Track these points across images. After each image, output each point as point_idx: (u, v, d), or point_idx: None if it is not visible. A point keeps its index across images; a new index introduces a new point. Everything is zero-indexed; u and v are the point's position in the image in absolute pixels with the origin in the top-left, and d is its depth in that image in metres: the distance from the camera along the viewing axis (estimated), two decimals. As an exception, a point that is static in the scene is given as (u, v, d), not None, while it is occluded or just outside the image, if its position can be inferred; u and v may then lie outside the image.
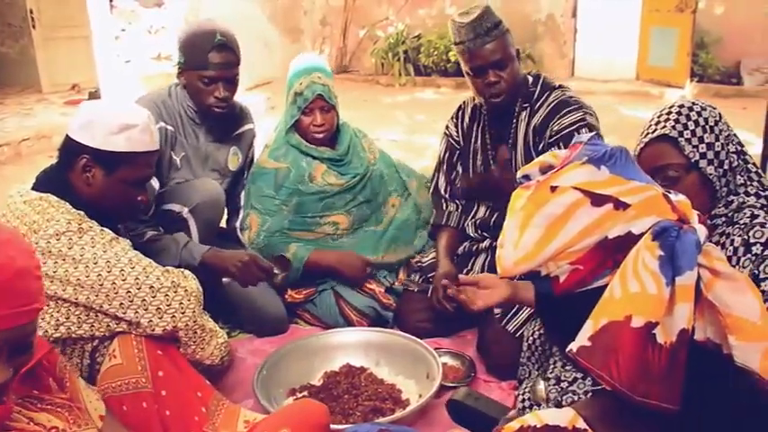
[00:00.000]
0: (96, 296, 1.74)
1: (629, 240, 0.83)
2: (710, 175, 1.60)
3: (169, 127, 2.49)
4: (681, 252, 0.80)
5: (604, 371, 0.78)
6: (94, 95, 7.69)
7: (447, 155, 2.70)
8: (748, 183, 1.63)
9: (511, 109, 2.49)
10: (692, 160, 1.59)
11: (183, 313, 1.82)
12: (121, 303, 1.75)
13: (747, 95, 7.63)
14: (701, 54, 8.20)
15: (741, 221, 1.54)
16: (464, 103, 2.69)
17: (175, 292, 1.81)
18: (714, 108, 1.65)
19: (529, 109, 2.48)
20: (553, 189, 0.85)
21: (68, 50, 8.56)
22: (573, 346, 0.81)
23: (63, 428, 1.27)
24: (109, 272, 1.74)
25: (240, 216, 2.82)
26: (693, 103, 1.65)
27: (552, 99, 2.46)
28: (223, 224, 2.84)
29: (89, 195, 1.85)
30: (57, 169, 1.89)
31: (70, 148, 1.86)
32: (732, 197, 1.61)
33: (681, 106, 1.64)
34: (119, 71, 7.61)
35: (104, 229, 1.81)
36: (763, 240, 1.48)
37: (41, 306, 1.17)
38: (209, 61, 2.44)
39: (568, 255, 0.84)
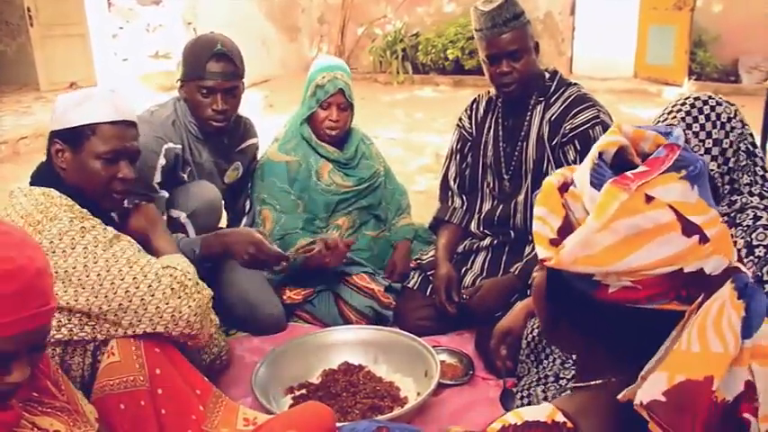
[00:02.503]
0: (96, 297, 1.72)
1: (699, 277, 0.78)
2: (712, 171, 1.59)
3: (177, 147, 2.45)
4: (755, 313, 0.77)
5: (679, 431, 0.75)
6: (92, 94, 7.67)
7: (459, 145, 2.69)
8: (754, 183, 1.62)
9: (525, 102, 2.50)
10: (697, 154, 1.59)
11: (180, 312, 1.79)
12: (120, 304, 1.73)
13: (745, 93, 7.63)
14: (699, 52, 8.21)
15: (744, 223, 1.53)
16: (479, 96, 2.69)
17: (172, 289, 1.78)
18: (732, 105, 1.64)
19: (544, 103, 2.48)
20: (649, 199, 0.78)
21: (66, 48, 8.54)
22: (644, 399, 0.77)
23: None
24: (108, 271, 1.72)
25: (245, 216, 2.82)
26: (710, 97, 1.64)
27: (567, 95, 2.46)
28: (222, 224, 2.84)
29: (70, 182, 1.83)
30: (45, 164, 1.89)
31: (48, 140, 1.87)
32: (736, 197, 1.60)
33: (697, 99, 1.63)
34: (116, 69, 7.61)
35: (107, 227, 1.80)
36: (766, 243, 1.47)
37: (55, 305, 1.18)
38: (206, 70, 2.39)
39: (636, 275, 0.79)
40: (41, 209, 1.74)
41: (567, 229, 0.84)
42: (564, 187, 0.87)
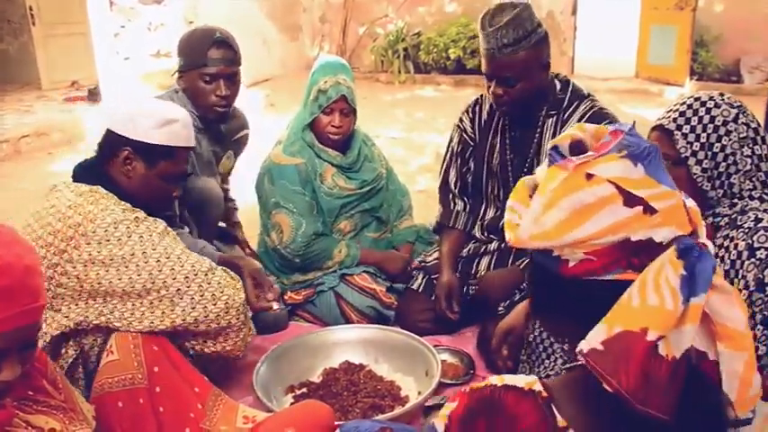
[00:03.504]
0: (153, 283, 1.78)
1: (649, 246, 0.84)
2: (695, 174, 1.57)
3: None
4: (700, 274, 0.82)
5: (614, 377, 0.80)
6: (94, 93, 7.69)
7: (460, 148, 2.59)
8: (757, 188, 1.58)
9: (534, 114, 2.38)
10: (683, 156, 1.58)
11: (234, 300, 1.89)
12: (178, 289, 1.81)
13: (747, 93, 7.61)
14: (701, 52, 8.20)
15: (745, 225, 1.51)
16: (481, 97, 2.55)
17: (227, 281, 1.90)
18: (736, 107, 1.58)
19: (556, 117, 2.37)
20: (589, 177, 0.85)
21: (68, 47, 8.54)
22: (584, 347, 0.83)
23: (60, 430, 1.27)
24: (167, 258, 1.80)
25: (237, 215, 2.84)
26: (711, 98, 1.59)
27: (583, 111, 2.34)
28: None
29: (128, 188, 1.88)
30: (96, 162, 1.93)
31: (112, 142, 1.89)
32: (736, 200, 1.58)
33: (696, 99, 1.60)
34: (118, 68, 7.61)
35: (157, 219, 1.87)
36: (767, 245, 1.46)
37: (45, 303, 1.18)
38: (209, 58, 2.44)
39: (587, 246, 0.85)
40: (91, 200, 1.80)
41: None
42: (535, 187, 0.94)
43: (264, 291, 2.11)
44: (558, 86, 2.40)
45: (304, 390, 2.17)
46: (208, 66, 2.44)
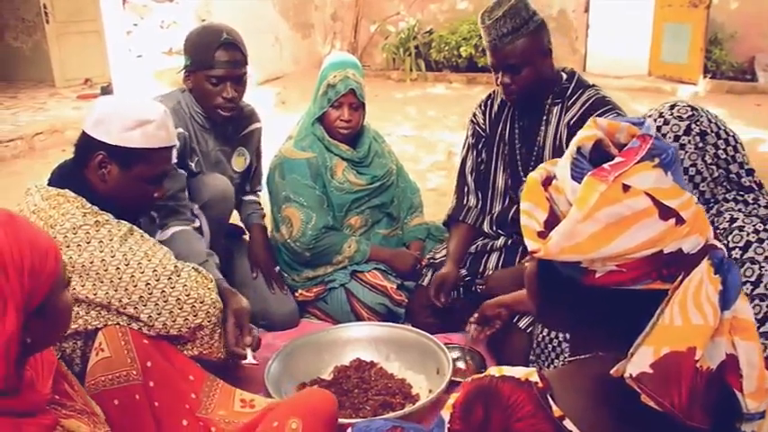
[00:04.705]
0: (116, 290, 1.74)
1: (679, 257, 0.84)
2: None
3: (184, 132, 2.46)
4: (731, 286, 0.83)
5: (667, 399, 0.80)
6: (107, 90, 7.73)
7: (474, 140, 2.65)
8: (731, 190, 1.60)
9: (541, 103, 2.45)
10: None
11: (202, 302, 1.82)
12: (141, 297, 1.76)
13: (761, 92, 7.56)
14: (715, 50, 8.14)
15: (721, 226, 1.53)
16: (494, 92, 2.63)
17: (196, 282, 1.83)
18: (686, 119, 1.57)
19: (561, 105, 2.43)
20: (626, 188, 0.83)
21: (81, 45, 8.60)
22: (632, 372, 0.82)
23: None
24: (127, 264, 1.75)
25: (251, 211, 2.84)
26: (660, 114, 1.59)
27: (586, 98, 2.41)
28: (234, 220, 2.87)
29: (105, 191, 1.83)
30: (72, 165, 1.88)
31: (86, 145, 1.84)
32: (711, 204, 1.59)
33: (648, 117, 1.60)
34: (131, 66, 7.64)
35: (121, 221, 1.81)
36: (741, 244, 1.46)
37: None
38: (215, 60, 2.41)
39: (620, 259, 0.84)
40: (54, 204, 1.75)
41: (552, 221, 0.90)
42: (547, 181, 0.93)
43: (243, 334, 2.01)
44: (564, 77, 2.47)
45: (315, 387, 2.18)
46: (214, 68, 2.42)
